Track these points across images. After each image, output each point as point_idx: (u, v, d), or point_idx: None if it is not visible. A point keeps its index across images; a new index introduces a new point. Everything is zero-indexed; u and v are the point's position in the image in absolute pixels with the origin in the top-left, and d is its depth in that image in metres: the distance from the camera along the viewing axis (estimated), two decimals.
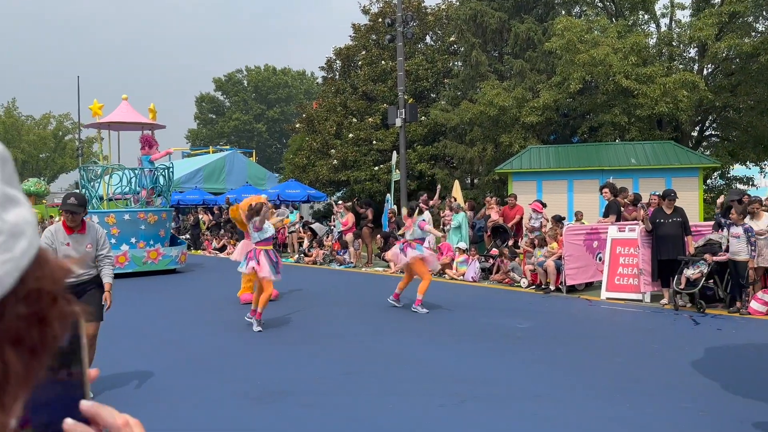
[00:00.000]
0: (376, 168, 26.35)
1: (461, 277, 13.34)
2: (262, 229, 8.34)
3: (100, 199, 15.94)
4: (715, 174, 23.12)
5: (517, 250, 13.12)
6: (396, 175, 20.86)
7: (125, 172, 15.99)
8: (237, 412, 5.05)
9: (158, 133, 17.05)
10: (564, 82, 20.19)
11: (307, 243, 18.47)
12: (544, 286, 11.43)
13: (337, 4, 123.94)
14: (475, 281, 13.07)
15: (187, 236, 23.58)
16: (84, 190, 15.74)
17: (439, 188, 10.46)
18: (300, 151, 30.44)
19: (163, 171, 16.31)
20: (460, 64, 27.59)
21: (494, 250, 13.73)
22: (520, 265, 12.50)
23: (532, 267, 11.89)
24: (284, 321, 8.89)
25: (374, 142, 26.79)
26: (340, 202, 18.75)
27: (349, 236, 16.87)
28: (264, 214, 8.37)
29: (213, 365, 6.47)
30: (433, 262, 9.83)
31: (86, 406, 0.61)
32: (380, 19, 28.41)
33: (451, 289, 11.89)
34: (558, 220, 12.36)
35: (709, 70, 21.69)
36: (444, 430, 4.63)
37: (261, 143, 58.84)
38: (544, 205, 13.68)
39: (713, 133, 23.86)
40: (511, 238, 13.84)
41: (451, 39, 27.85)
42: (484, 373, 6.03)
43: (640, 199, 12.53)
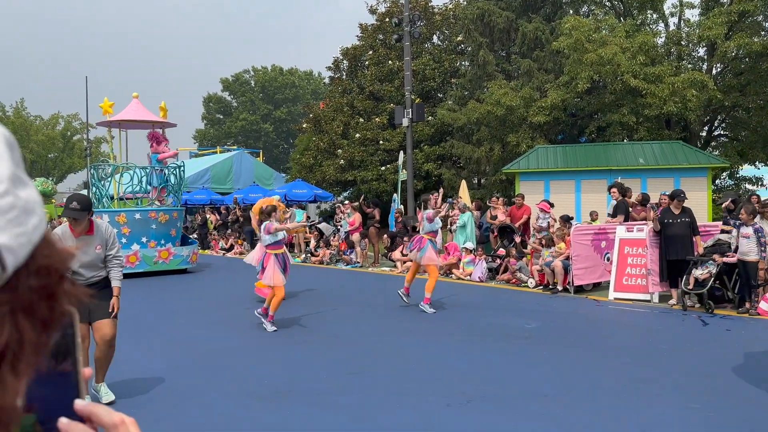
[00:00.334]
0: (383, 168, 26.34)
1: (468, 277, 13.31)
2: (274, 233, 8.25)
3: (111, 199, 15.84)
4: (724, 174, 22.98)
5: (524, 249, 13.08)
6: (403, 175, 20.84)
7: (136, 170, 15.90)
8: (243, 411, 5.05)
9: (167, 132, 17.01)
10: (572, 82, 20.11)
11: (313, 243, 18.49)
12: (551, 287, 11.39)
13: (344, 4, 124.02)
14: (482, 281, 13.04)
15: (195, 236, 23.65)
16: (94, 189, 15.67)
17: (441, 192, 10.42)
18: (307, 151, 30.47)
19: (174, 170, 16.19)
20: (467, 63, 27.54)
21: (501, 250, 13.69)
22: (528, 265, 12.46)
23: (539, 267, 11.84)
24: (291, 320, 8.89)
25: (381, 142, 26.78)
26: (347, 202, 18.75)
27: (355, 236, 16.86)
28: (278, 219, 8.27)
29: (220, 364, 6.47)
30: (435, 260, 9.74)
31: (81, 405, 0.62)
32: (387, 19, 28.41)
33: (457, 289, 11.86)
34: (566, 220, 12.31)
35: (719, 70, 21.55)
36: (450, 429, 4.61)
37: (268, 143, 58.98)
38: (551, 205, 13.64)
39: (722, 133, 23.71)
40: (518, 237, 13.80)
41: (459, 38, 27.78)
42: (491, 373, 6.01)
43: (648, 200, 12.47)
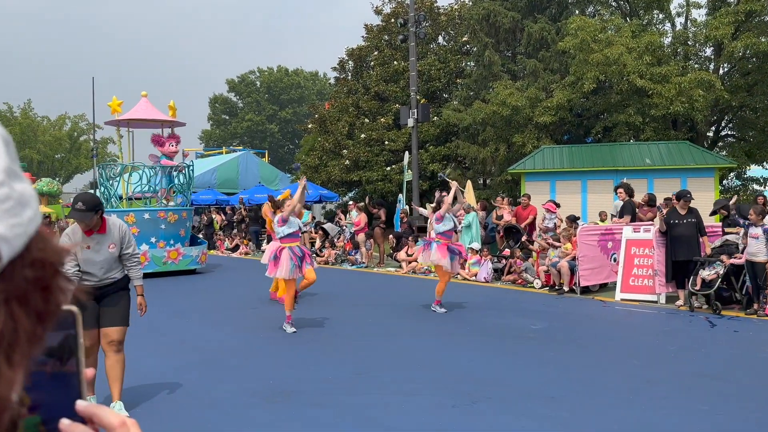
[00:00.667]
0: (388, 168, 26.33)
1: (474, 278, 13.29)
2: (288, 221, 8.04)
3: (120, 199, 15.67)
4: (731, 174, 22.86)
5: (531, 247, 13.05)
6: (408, 176, 20.83)
7: (144, 170, 15.73)
8: (249, 411, 5.05)
9: (176, 130, 16.70)
10: (578, 82, 20.05)
11: (318, 243, 18.49)
12: (557, 287, 11.35)
13: (350, 5, 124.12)
14: (487, 282, 13.01)
15: (201, 236, 23.69)
16: (103, 189, 15.55)
17: (455, 187, 9.82)
18: (312, 151, 30.49)
19: (183, 169, 16.00)
20: (472, 64, 27.49)
21: (507, 251, 13.66)
22: (534, 266, 12.42)
23: (545, 268, 11.81)
24: (296, 321, 8.88)
25: (386, 143, 26.76)
26: (351, 203, 18.75)
27: (361, 236, 16.86)
28: (292, 208, 8.10)
29: (226, 364, 6.48)
30: (440, 261, 9.55)
31: (82, 406, 0.62)
32: (393, 20, 28.39)
33: (463, 290, 11.84)
34: (572, 220, 12.27)
35: (726, 70, 21.46)
36: (456, 430, 4.59)
37: (273, 144, 59.05)
38: (557, 206, 13.60)
39: (729, 133, 23.60)
40: (524, 236, 13.77)
41: (464, 39, 27.74)
42: (497, 374, 5.99)
43: (654, 200, 12.41)
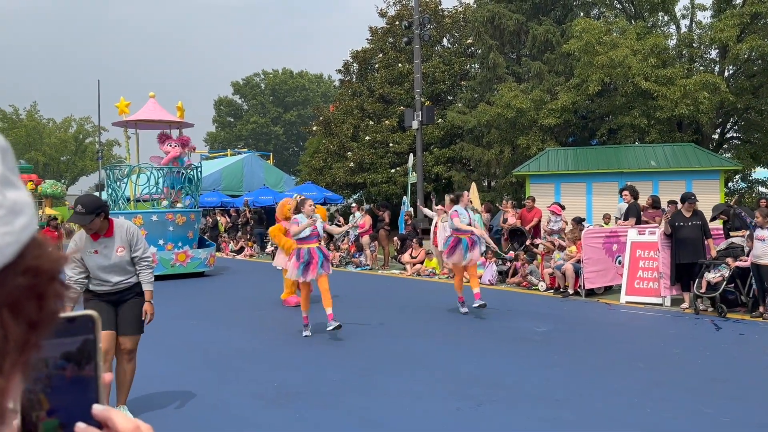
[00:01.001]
0: (393, 170, 26.34)
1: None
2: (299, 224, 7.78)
3: (127, 200, 15.50)
4: (737, 177, 22.79)
5: (535, 250, 13.04)
6: (413, 178, 20.83)
7: (152, 171, 15.58)
8: (253, 412, 5.06)
9: (185, 131, 16.60)
10: (582, 84, 20.03)
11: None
12: (562, 290, 11.33)
13: (354, 7, 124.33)
14: (492, 284, 12.99)
15: (205, 238, 23.74)
16: (110, 191, 15.43)
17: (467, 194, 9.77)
18: (317, 153, 30.53)
19: (192, 171, 15.83)
20: (477, 66, 27.51)
21: (511, 253, 13.65)
22: (538, 268, 12.41)
23: (550, 270, 11.79)
24: (299, 323, 8.89)
25: (391, 145, 26.78)
26: (354, 205, 18.77)
27: (365, 238, 16.87)
28: (307, 214, 7.80)
29: (231, 366, 6.49)
30: (456, 260, 9.31)
31: (99, 410, 0.63)
32: (397, 22, 28.42)
33: (468, 292, 11.82)
34: (578, 222, 12.25)
35: (731, 72, 21.39)
36: None
37: (278, 146, 59.16)
38: (563, 208, 13.59)
39: (735, 135, 23.52)
40: (528, 239, 13.76)
41: (469, 41, 27.76)
42: (502, 377, 5.99)
43: (658, 202, 12.38)
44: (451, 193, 11.09)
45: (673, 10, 21.97)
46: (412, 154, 21.49)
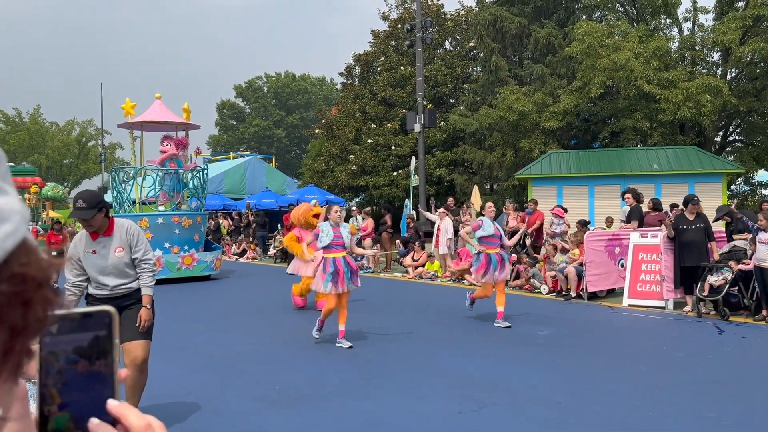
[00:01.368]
0: (395, 173, 26.36)
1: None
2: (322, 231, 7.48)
3: (133, 203, 15.32)
4: (739, 180, 22.76)
5: (536, 255, 13.03)
6: (415, 181, 20.84)
7: (158, 173, 15.38)
8: (254, 415, 5.06)
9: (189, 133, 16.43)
10: (585, 87, 20.03)
11: None
12: (564, 293, 11.32)
13: (357, 10, 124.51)
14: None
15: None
16: (115, 193, 15.25)
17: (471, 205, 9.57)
18: (319, 156, 30.57)
19: (197, 173, 15.64)
20: (479, 69, 27.52)
21: (513, 256, 13.62)
22: (541, 272, 12.39)
23: (553, 273, 11.78)
24: (303, 325, 8.90)
25: (393, 148, 26.81)
26: (355, 208, 18.77)
27: (367, 242, 16.86)
28: (333, 220, 7.52)
29: (233, 369, 6.49)
30: (488, 279, 8.82)
31: (113, 405, 0.63)
32: (399, 25, 28.48)
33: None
34: (583, 225, 12.23)
35: (733, 75, 21.38)
36: None
37: (280, 149, 59.24)
38: (565, 211, 13.58)
39: (737, 138, 23.50)
40: (528, 241, 13.74)
41: (471, 44, 27.80)
42: (504, 380, 5.98)
43: (660, 204, 12.36)
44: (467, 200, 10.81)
45: (676, 13, 21.97)
46: (414, 157, 21.50)
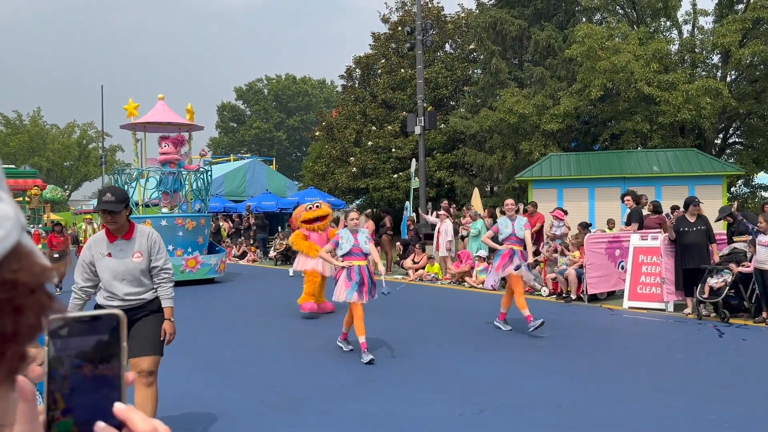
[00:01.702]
0: (395, 176, 26.37)
1: (481, 285, 13.25)
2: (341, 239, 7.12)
3: (136, 205, 15.20)
4: (740, 182, 22.76)
5: (537, 258, 13.02)
6: (415, 183, 20.84)
7: (160, 174, 15.20)
8: (254, 418, 5.06)
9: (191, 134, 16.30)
10: (585, 89, 20.04)
11: None
12: (565, 295, 11.32)
13: (357, 13, 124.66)
14: (494, 289, 12.94)
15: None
16: None
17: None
18: (319, 158, 30.58)
19: (201, 174, 15.44)
20: (479, 71, 27.53)
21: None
22: (541, 274, 12.39)
23: (553, 275, 11.78)
24: (303, 328, 8.90)
25: (393, 150, 26.82)
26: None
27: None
28: (350, 228, 7.20)
29: (233, 371, 6.49)
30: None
31: (119, 409, 0.62)
32: (400, 28, 28.50)
33: (470, 297, 11.83)
34: (585, 227, 12.23)
35: (733, 77, 21.39)
36: None
37: (281, 151, 59.25)
38: (565, 213, 13.58)
39: (737, 140, 23.49)
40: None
41: (471, 47, 27.83)
42: (504, 382, 5.98)
43: (660, 207, 12.36)
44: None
45: (675, 16, 21.98)
46: (414, 160, 21.51)
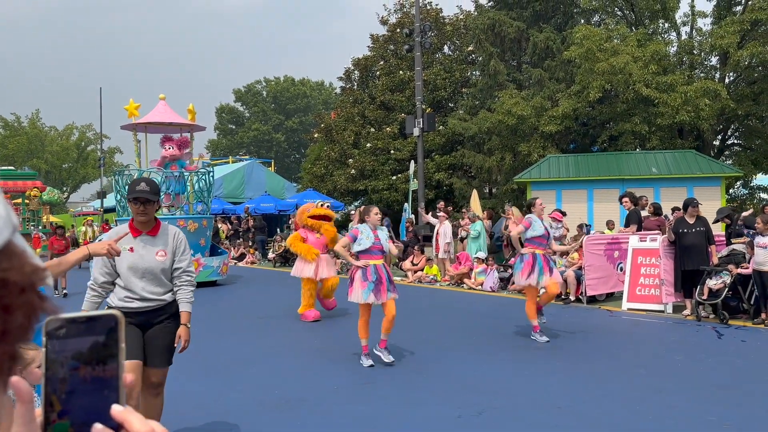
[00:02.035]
0: (394, 177, 26.38)
1: (480, 287, 13.27)
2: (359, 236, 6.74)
3: None
4: (738, 183, 22.78)
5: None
6: (414, 185, 20.85)
7: (161, 175, 14.82)
8: (254, 419, 5.05)
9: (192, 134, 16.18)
10: (583, 91, 20.06)
11: None
12: (564, 297, 11.32)
13: (356, 15, 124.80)
14: (493, 291, 12.98)
15: None
16: (119, 197, 14.80)
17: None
18: (318, 160, 30.59)
19: (203, 175, 15.22)
20: (478, 73, 27.56)
21: (513, 260, 13.64)
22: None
23: None
24: (303, 330, 8.90)
25: (392, 152, 26.83)
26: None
27: None
28: (373, 223, 6.77)
29: (232, 373, 6.48)
30: (532, 282, 8.02)
31: (117, 411, 0.62)
32: (398, 30, 28.52)
33: (469, 299, 11.83)
34: (584, 229, 12.24)
35: (731, 79, 21.42)
36: None
37: (280, 153, 59.28)
38: (564, 214, 13.59)
39: (736, 142, 23.53)
40: None
41: (469, 48, 27.83)
42: (503, 384, 5.98)
43: (660, 209, 12.37)
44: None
45: (674, 17, 22.01)
46: (413, 161, 21.52)
